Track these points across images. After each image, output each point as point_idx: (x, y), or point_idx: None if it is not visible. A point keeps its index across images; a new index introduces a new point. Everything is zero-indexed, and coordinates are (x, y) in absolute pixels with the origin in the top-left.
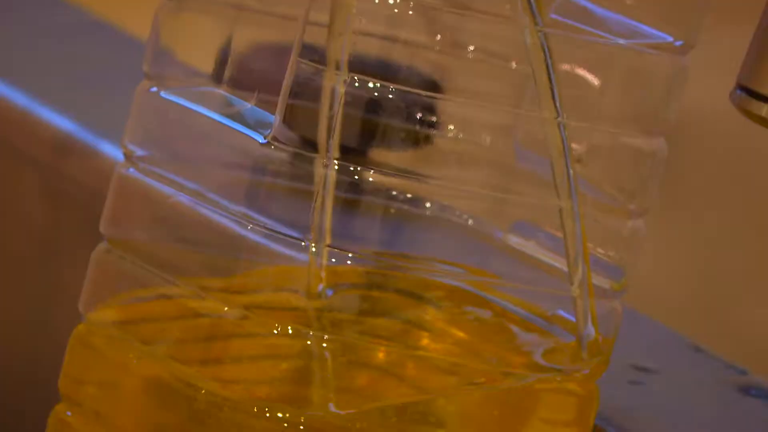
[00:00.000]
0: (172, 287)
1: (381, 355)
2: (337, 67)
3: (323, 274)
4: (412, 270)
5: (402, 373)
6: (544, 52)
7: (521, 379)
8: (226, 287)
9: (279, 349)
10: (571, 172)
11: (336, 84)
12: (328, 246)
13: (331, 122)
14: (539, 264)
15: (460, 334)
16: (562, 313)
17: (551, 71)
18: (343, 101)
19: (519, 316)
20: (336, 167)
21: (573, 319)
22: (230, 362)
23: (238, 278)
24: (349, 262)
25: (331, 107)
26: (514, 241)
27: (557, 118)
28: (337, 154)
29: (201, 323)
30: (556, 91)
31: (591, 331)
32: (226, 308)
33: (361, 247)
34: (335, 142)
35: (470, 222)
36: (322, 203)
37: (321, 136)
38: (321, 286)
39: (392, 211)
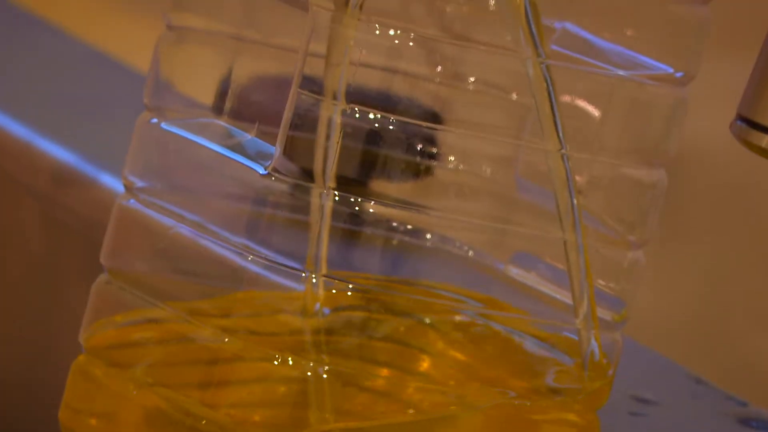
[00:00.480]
0: (171, 315)
1: (381, 379)
2: (335, 97)
3: (320, 293)
4: (412, 293)
5: (402, 396)
6: (547, 83)
7: (522, 403)
8: (225, 311)
9: (277, 373)
10: (576, 204)
11: (333, 114)
12: (326, 276)
13: (327, 152)
14: (540, 296)
15: (461, 358)
16: (566, 333)
17: (554, 103)
18: (340, 131)
19: (520, 340)
20: (336, 198)
21: (575, 338)
22: (228, 387)
23: (237, 302)
24: (349, 293)
25: (327, 137)
26: (515, 272)
27: (561, 149)
28: (333, 184)
29: (200, 349)
30: (559, 122)
31: (594, 347)
32: (226, 339)
33: (361, 277)
34: (332, 172)
35: (471, 253)
36: (319, 233)
37: (317, 166)
38: (318, 305)
39: (393, 242)
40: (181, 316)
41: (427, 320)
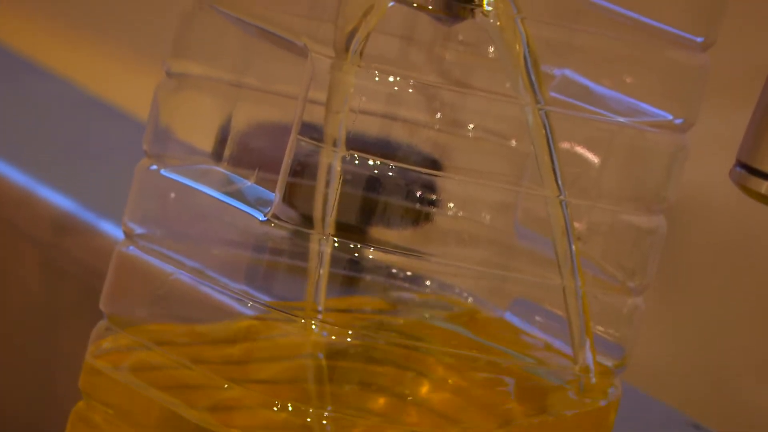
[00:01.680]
0: (170, 361)
1: (381, 403)
2: (335, 144)
3: (321, 340)
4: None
5: (402, 420)
6: (546, 130)
7: (522, 427)
8: (226, 357)
9: (277, 419)
10: (574, 250)
11: (333, 161)
12: (324, 322)
13: (327, 199)
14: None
15: (461, 383)
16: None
17: (553, 149)
18: (340, 178)
19: (520, 364)
20: (336, 244)
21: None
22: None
23: (237, 347)
24: (349, 339)
25: (327, 184)
26: (515, 320)
27: (559, 196)
28: (333, 230)
29: (200, 396)
30: (557, 168)
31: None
32: (225, 385)
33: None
34: (331, 219)
35: (470, 300)
36: (318, 279)
37: (317, 213)
38: (317, 351)
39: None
40: (181, 362)
41: (428, 345)
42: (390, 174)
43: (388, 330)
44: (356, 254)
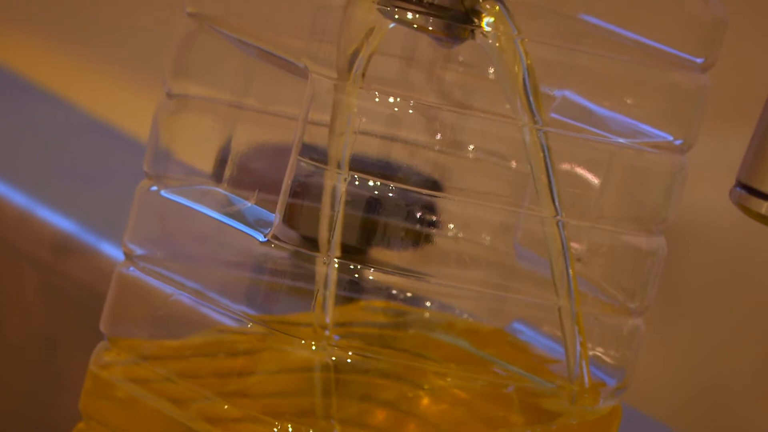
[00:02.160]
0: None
1: (381, 416)
2: (338, 166)
3: (329, 361)
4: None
5: None
6: (543, 151)
7: None
8: (225, 378)
9: (281, 409)
10: (570, 271)
11: (337, 182)
12: (331, 345)
13: (332, 221)
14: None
15: (461, 395)
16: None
17: (550, 170)
18: (344, 200)
19: (520, 376)
20: (336, 265)
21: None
22: None
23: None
24: (349, 360)
25: (332, 206)
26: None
27: (556, 216)
28: (339, 253)
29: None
30: (555, 189)
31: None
32: (226, 407)
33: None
34: (337, 241)
35: (470, 320)
36: (324, 302)
37: (322, 235)
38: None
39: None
40: (182, 382)
41: (428, 356)
42: (390, 195)
43: (389, 346)
44: (357, 275)
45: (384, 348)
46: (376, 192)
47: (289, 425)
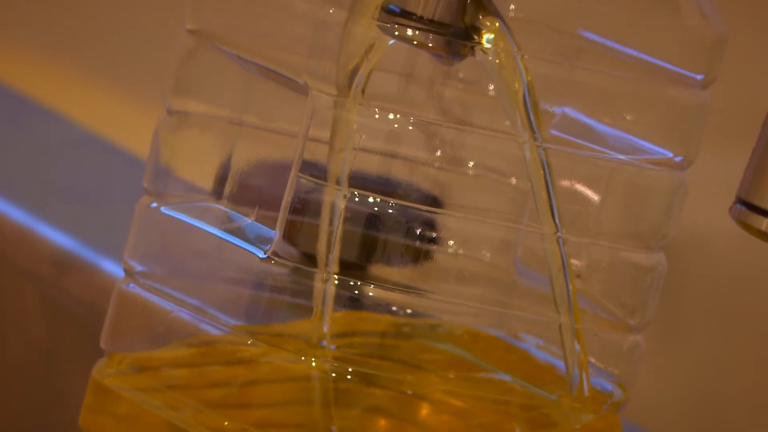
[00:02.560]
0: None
1: (382, 425)
2: (338, 183)
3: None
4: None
5: None
6: (543, 167)
7: None
8: (225, 398)
9: (281, 419)
10: (570, 287)
11: (336, 199)
12: (329, 360)
13: (330, 237)
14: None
15: (459, 404)
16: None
17: (550, 186)
18: (343, 216)
19: (520, 386)
20: (336, 282)
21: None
22: None
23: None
24: (348, 377)
25: (331, 222)
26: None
27: (556, 233)
28: (337, 269)
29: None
30: (555, 206)
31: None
32: (225, 423)
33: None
34: (335, 257)
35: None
36: (322, 317)
37: (321, 251)
38: (324, 342)
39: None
40: (182, 403)
41: (427, 366)
42: (390, 211)
43: (389, 356)
44: (356, 291)
45: (383, 358)
46: (376, 208)
47: None
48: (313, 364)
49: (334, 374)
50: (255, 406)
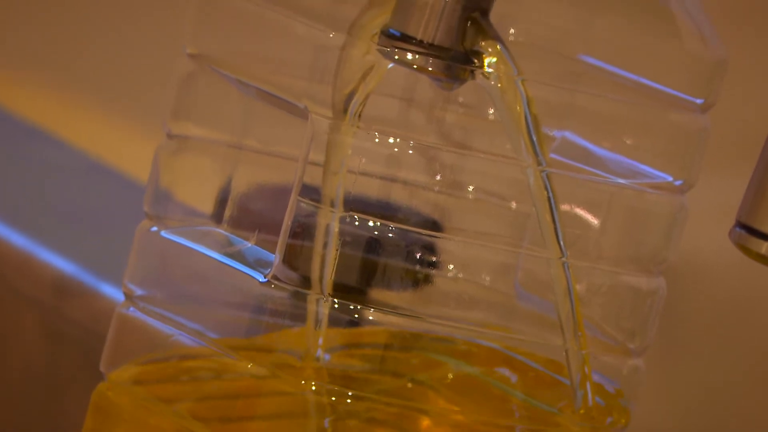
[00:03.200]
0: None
1: None
2: (332, 205)
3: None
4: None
5: None
6: (548, 191)
7: None
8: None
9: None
10: (576, 312)
11: (331, 221)
12: (327, 385)
13: (324, 260)
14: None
15: (460, 418)
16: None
17: (555, 211)
18: (337, 238)
19: (521, 400)
20: (336, 305)
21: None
22: None
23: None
24: (349, 400)
25: (325, 245)
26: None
27: (562, 257)
28: (330, 291)
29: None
30: (560, 230)
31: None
32: None
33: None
34: (329, 279)
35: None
36: (317, 339)
37: (314, 274)
38: (319, 351)
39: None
40: (183, 425)
41: (427, 378)
42: (390, 235)
43: (389, 369)
44: (356, 315)
45: (383, 372)
46: (375, 232)
47: None
48: (313, 388)
49: (333, 398)
50: (254, 419)
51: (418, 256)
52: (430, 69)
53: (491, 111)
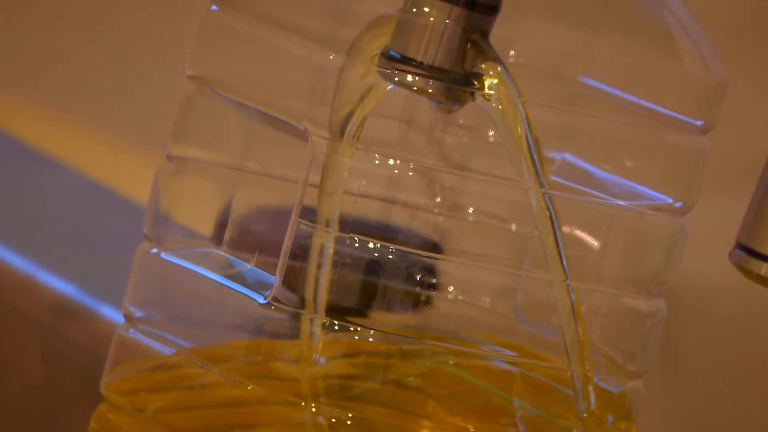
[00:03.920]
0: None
1: None
2: (328, 225)
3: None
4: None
5: None
6: (550, 213)
7: None
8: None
9: None
10: (581, 332)
11: (326, 242)
12: (325, 404)
13: (318, 279)
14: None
15: (462, 425)
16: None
17: (558, 233)
18: (331, 259)
19: (524, 410)
20: (336, 327)
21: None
22: None
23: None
24: (348, 422)
25: (319, 266)
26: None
27: (565, 280)
28: (324, 311)
29: None
30: (563, 252)
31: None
32: None
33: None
34: (323, 299)
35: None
36: (313, 360)
37: (308, 294)
38: (316, 355)
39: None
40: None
41: (428, 387)
42: (390, 257)
43: (390, 382)
44: (356, 337)
45: (384, 382)
46: (376, 254)
47: None
48: (313, 410)
49: (333, 420)
50: (256, 426)
51: (418, 278)
52: (430, 91)
53: (491, 133)
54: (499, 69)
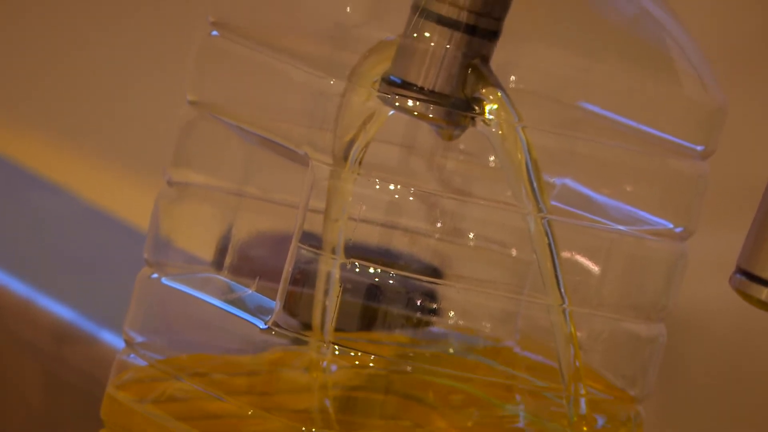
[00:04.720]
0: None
1: None
2: (334, 252)
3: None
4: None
5: None
6: (549, 238)
7: None
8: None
9: None
10: (577, 357)
11: (332, 269)
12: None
13: (326, 307)
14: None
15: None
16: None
17: (556, 258)
18: (339, 285)
19: (522, 419)
20: (336, 352)
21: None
22: None
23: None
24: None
25: (326, 292)
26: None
27: (562, 304)
28: (332, 338)
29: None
30: (561, 277)
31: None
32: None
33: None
34: (331, 326)
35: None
36: (321, 386)
37: (316, 321)
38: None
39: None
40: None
41: (430, 400)
42: (391, 282)
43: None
44: (357, 362)
45: (388, 392)
46: (376, 279)
47: None
48: None
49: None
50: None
51: (418, 303)
52: (430, 116)
53: (492, 158)
54: (499, 94)
